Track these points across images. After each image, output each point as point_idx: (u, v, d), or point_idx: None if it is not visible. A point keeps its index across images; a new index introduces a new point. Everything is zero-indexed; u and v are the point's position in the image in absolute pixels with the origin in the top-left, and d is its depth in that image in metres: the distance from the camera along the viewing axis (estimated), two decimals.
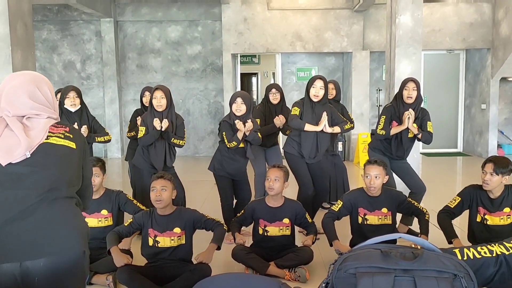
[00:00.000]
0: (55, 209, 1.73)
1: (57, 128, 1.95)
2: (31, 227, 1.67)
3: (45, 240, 1.67)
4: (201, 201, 5.87)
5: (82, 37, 10.10)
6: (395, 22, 5.75)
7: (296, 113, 4.35)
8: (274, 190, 3.72)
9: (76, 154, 1.93)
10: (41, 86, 1.99)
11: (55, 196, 1.76)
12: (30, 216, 1.68)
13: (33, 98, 1.93)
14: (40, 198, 1.72)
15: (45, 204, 1.72)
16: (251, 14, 9.19)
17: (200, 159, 9.85)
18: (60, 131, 1.93)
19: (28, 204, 1.69)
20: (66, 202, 1.80)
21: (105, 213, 3.73)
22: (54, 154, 1.85)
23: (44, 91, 1.99)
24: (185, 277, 3.21)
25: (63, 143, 1.90)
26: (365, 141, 8.53)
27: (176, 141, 4.30)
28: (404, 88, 4.35)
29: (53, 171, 1.80)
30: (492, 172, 3.44)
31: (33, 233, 1.66)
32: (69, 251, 1.71)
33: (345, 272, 2.03)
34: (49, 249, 1.66)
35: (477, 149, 9.92)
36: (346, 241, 3.84)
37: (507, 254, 2.49)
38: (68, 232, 1.73)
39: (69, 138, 1.93)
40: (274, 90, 5.05)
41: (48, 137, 1.88)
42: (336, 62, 10.37)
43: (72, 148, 1.92)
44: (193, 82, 10.30)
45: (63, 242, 1.70)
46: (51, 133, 1.91)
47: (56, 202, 1.75)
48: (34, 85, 1.96)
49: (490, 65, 9.32)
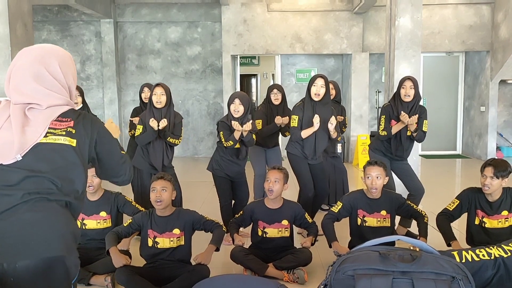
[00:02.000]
0: (38, 212, 1.63)
1: (62, 122, 1.77)
2: (12, 228, 1.59)
3: (23, 242, 1.58)
4: (200, 202, 5.87)
5: (82, 37, 10.11)
6: (395, 24, 5.76)
7: (295, 124, 4.36)
8: (273, 192, 3.72)
9: (75, 152, 1.76)
10: (50, 63, 1.78)
11: (40, 198, 1.65)
12: (12, 217, 1.60)
13: (38, 81, 1.75)
14: (23, 200, 1.62)
15: (28, 206, 1.62)
16: (251, 16, 9.20)
17: (199, 160, 9.85)
18: (63, 127, 1.76)
19: (10, 206, 1.61)
20: (52, 205, 1.67)
21: (104, 215, 3.73)
22: (48, 157, 1.70)
23: (53, 69, 1.79)
24: (183, 278, 3.21)
25: (61, 142, 1.74)
26: (364, 143, 8.54)
27: (172, 140, 4.33)
28: (402, 87, 4.36)
29: (42, 176, 1.67)
30: (492, 175, 3.44)
31: (13, 235, 1.58)
32: (45, 255, 1.60)
33: (343, 273, 2.04)
34: (25, 252, 1.58)
35: (476, 152, 9.93)
36: (345, 242, 3.84)
37: (505, 257, 2.49)
38: (47, 236, 1.62)
39: (70, 134, 1.76)
40: (275, 90, 5.05)
41: (47, 134, 1.72)
42: (336, 64, 10.39)
43: (71, 146, 1.75)
44: (192, 83, 10.31)
45: (40, 245, 1.60)
46: (52, 129, 1.74)
47: (40, 205, 1.64)
48: (41, 64, 1.76)
49: (489, 67, 9.33)
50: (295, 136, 4.39)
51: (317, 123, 4.26)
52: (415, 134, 4.35)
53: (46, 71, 1.77)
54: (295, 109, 4.44)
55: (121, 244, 3.42)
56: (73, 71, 1.90)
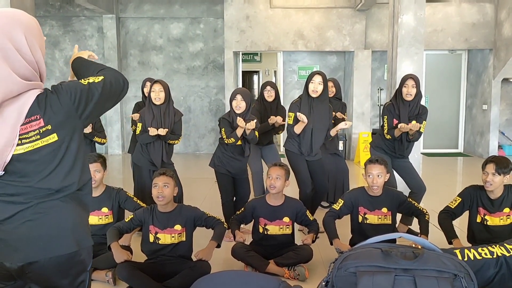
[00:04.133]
0: (44, 213, 1.57)
1: (31, 123, 1.53)
2: (20, 231, 1.55)
3: (33, 243, 1.56)
4: (201, 198, 5.87)
5: (84, 33, 10.10)
6: (398, 22, 5.74)
7: (290, 121, 4.37)
8: (275, 189, 3.72)
9: (62, 145, 1.59)
10: (14, 35, 1.49)
11: (42, 201, 1.58)
12: (19, 221, 1.55)
13: (5, 59, 1.46)
14: (28, 205, 1.56)
15: (33, 209, 1.56)
16: (253, 12, 9.18)
17: (201, 157, 9.85)
18: (35, 128, 1.53)
19: (16, 211, 1.55)
20: (56, 203, 1.60)
21: (105, 210, 3.74)
22: (33, 163, 1.55)
23: (18, 42, 1.49)
24: (184, 274, 3.22)
25: (41, 145, 1.54)
26: (366, 141, 8.52)
27: (172, 142, 4.43)
28: (404, 86, 4.34)
29: (33, 186, 1.56)
30: (494, 172, 3.45)
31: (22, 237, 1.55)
32: (57, 253, 1.58)
33: (345, 270, 2.03)
34: (37, 252, 1.56)
35: (477, 150, 9.91)
36: (346, 240, 3.84)
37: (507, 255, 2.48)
38: (56, 234, 1.59)
39: (47, 133, 1.55)
40: (269, 87, 5.04)
41: (22, 142, 1.52)
42: (338, 61, 10.36)
43: (54, 142, 1.57)
44: (194, 80, 10.29)
45: (51, 244, 1.58)
46: (25, 134, 1.52)
47: (44, 206, 1.58)
48: (5, 36, 1.47)
49: (492, 65, 9.30)
50: (289, 132, 4.40)
51: (302, 118, 4.21)
52: (412, 136, 4.34)
53: (10, 43, 1.48)
54: (291, 106, 4.42)
55: (122, 239, 3.43)
56: (41, 40, 1.61)
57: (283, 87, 10.32)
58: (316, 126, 4.33)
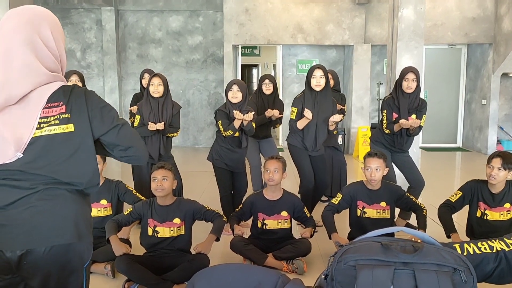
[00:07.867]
0: (49, 200, 1.59)
1: (53, 108, 1.60)
2: (23, 216, 1.56)
3: (35, 230, 1.57)
4: (200, 192, 5.87)
5: (83, 25, 10.05)
6: (398, 16, 5.71)
7: (293, 116, 4.36)
8: (274, 181, 3.73)
9: (76, 138, 1.63)
10: (42, 29, 1.62)
11: (49, 188, 1.60)
12: (22, 206, 1.57)
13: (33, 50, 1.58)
14: (33, 190, 1.58)
15: (38, 195, 1.58)
16: (252, 5, 9.14)
17: (200, 150, 9.84)
18: (55, 114, 1.60)
19: (21, 196, 1.57)
20: (62, 192, 1.62)
21: (104, 203, 3.73)
22: (48, 150, 1.59)
23: (45, 36, 1.63)
24: (183, 267, 3.22)
25: (58, 131, 1.59)
26: (365, 135, 8.53)
27: (171, 135, 4.42)
28: (404, 79, 4.32)
29: (44, 174, 1.59)
30: (500, 167, 3.44)
31: (25, 223, 1.56)
32: (57, 242, 1.59)
33: (345, 264, 2.03)
34: (37, 239, 1.57)
35: (476, 145, 9.92)
36: (344, 234, 3.84)
37: (507, 250, 2.48)
38: (58, 223, 1.60)
39: (65, 120, 1.61)
40: (267, 81, 5.02)
41: (41, 125, 1.58)
42: (337, 55, 10.34)
43: (70, 132, 1.61)
44: (193, 73, 10.27)
45: (52, 233, 1.58)
46: (45, 118, 1.59)
47: (50, 193, 1.60)
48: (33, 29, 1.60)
49: (491, 60, 9.29)
50: (291, 129, 4.40)
51: (308, 115, 4.22)
52: (412, 131, 4.33)
53: (39, 38, 1.61)
54: (295, 101, 4.41)
55: (121, 232, 3.42)
56: (62, 36, 1.74)
57: (282, 81, 10.30)
58: (320, 121, 4.32)
